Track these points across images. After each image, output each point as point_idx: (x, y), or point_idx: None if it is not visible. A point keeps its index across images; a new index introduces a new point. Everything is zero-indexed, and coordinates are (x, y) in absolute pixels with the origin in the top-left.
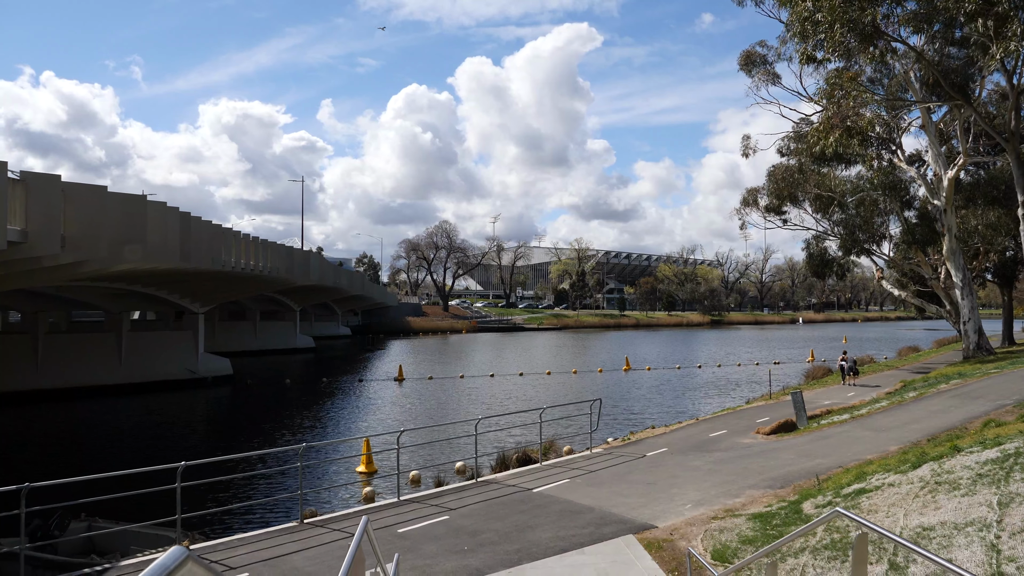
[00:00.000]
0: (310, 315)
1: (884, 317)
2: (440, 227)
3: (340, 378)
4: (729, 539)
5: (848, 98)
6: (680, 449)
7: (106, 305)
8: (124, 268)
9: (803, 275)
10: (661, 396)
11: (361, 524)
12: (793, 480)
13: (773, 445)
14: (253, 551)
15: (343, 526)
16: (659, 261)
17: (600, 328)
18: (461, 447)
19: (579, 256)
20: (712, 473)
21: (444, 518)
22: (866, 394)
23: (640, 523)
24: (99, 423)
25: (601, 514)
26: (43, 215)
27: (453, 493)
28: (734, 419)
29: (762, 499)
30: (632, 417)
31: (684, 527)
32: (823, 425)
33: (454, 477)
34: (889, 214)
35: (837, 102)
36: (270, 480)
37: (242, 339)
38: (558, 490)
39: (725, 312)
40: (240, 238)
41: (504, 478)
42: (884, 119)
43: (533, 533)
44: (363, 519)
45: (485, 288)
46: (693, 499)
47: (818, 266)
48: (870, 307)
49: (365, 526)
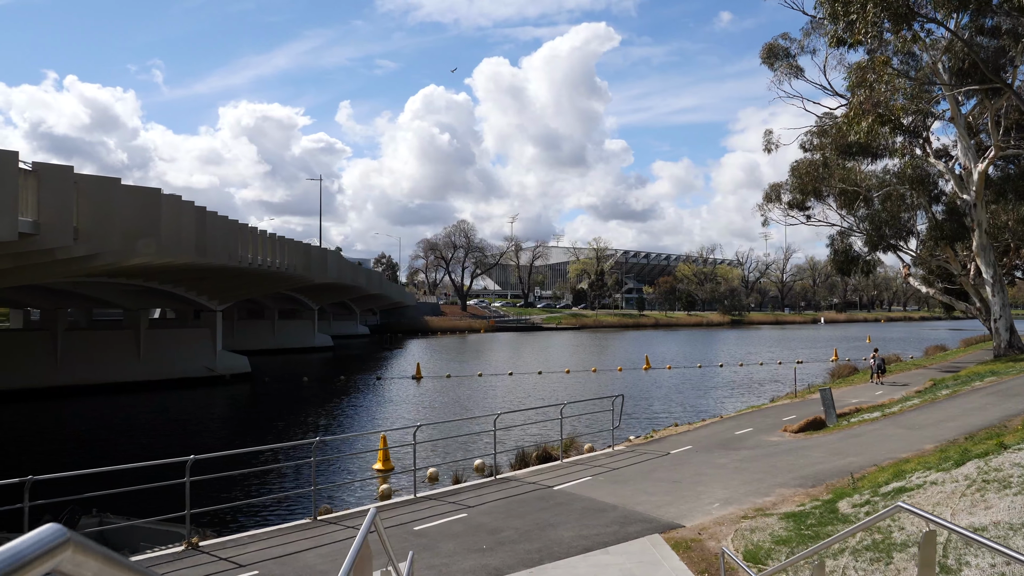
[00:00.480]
0: (328, 314)
1: (908, 317)
2: (458, 226)
3: (357, 376)
4: (762, 539)
5: (880, 82)
6: (705, 447)
7: (124, 303)
8: (139, 262)
9: (824, 275)
10: (682, 395)
11: (368, 517)
12: (825, 479)
13: (802, 443)
14: (264, 548)
15: (358, 523)
16: (678, 261)
17: (619, 328)
18: (479, 444)
19: (598, 255)
20: (739, 471)
21: (462, 516)
22: (895, 392)
23: (666, 522)
24: (114, 419)
25: (625, 512)
26: (55, 207)
27: (471, 490)
28: (759, 417)
29: (793, 498)
30: (654, 415)
31: (713, 527)
32: (853, 423)
33: (472, 475)
34: (916, 209)
35: (869, 86)
36: (284, 476)
37: (260, 338)
38: (580, 488)
39: (745, 312)
40: (257, 234)
41: (524, 475)
42: (914, 108)
43: (555, 531)
44: (370, 511)
45: (503, 288)
46: (721, 498)
47: (843, 263)
48: (893, 307)
49: (372, 519)
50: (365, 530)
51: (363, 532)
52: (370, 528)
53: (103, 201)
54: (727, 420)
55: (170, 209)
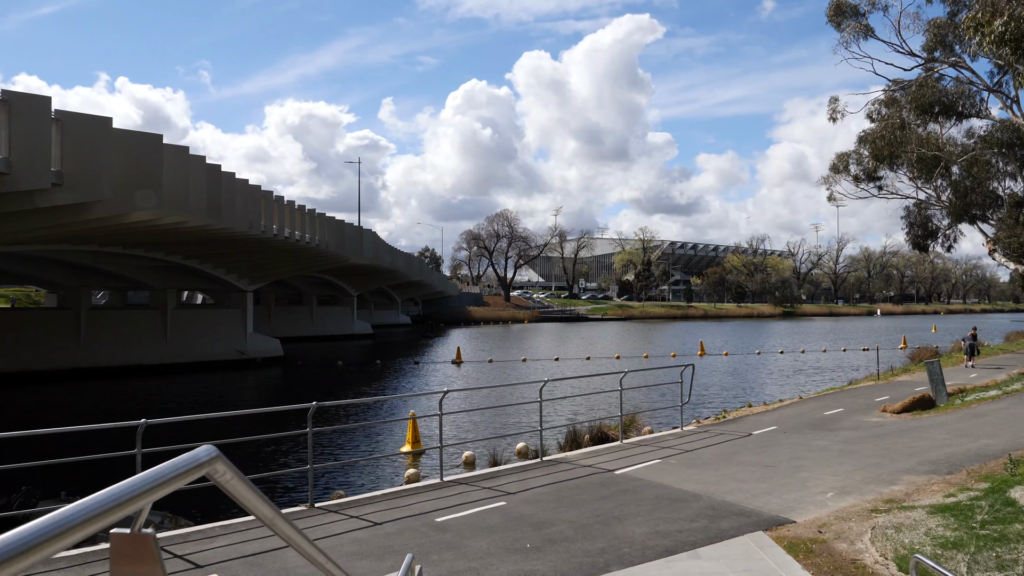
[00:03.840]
0: (369, 303)
1: (969, 310)
2: (501, 215)
3: (395, 360)
4: (917, 541)
5: None
6: (793, 427)
7: (150, 280)
8: (141, 219)
9: (880, 265)
10: (746, 378)
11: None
12: (962, 463)
13: (912, 424)
14: (236, 543)
15: (362, 512)
16: (727, 252)
17: (667, 318)
18: (522, 421)
19: (644, 245)
20: (846, 455)
21: (499, 504)
22: (995, 375)
23: (769, 516)
24: (134, 400)
25: (711, 503)
26: (29, 142)
27: (512, 474)
28: (847, 398)
29: (930, 487)
30: (720, 398)
31: (835, 522)
32: (969, 402)
33: (513, 459)
34: (1005, 177)
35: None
36: (285, 453)
37: (298, 324)
38: (648, 472)
39: (797, 304)
40: (284, 204)
41: (576, 457)
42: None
43: (621, 527)
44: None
45: (547, 280)
46: (833, 486)
47: (920, 236)
48: (951, 300)
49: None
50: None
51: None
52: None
53: (91, 143)
54: (809, 400)
55: (174, 160)
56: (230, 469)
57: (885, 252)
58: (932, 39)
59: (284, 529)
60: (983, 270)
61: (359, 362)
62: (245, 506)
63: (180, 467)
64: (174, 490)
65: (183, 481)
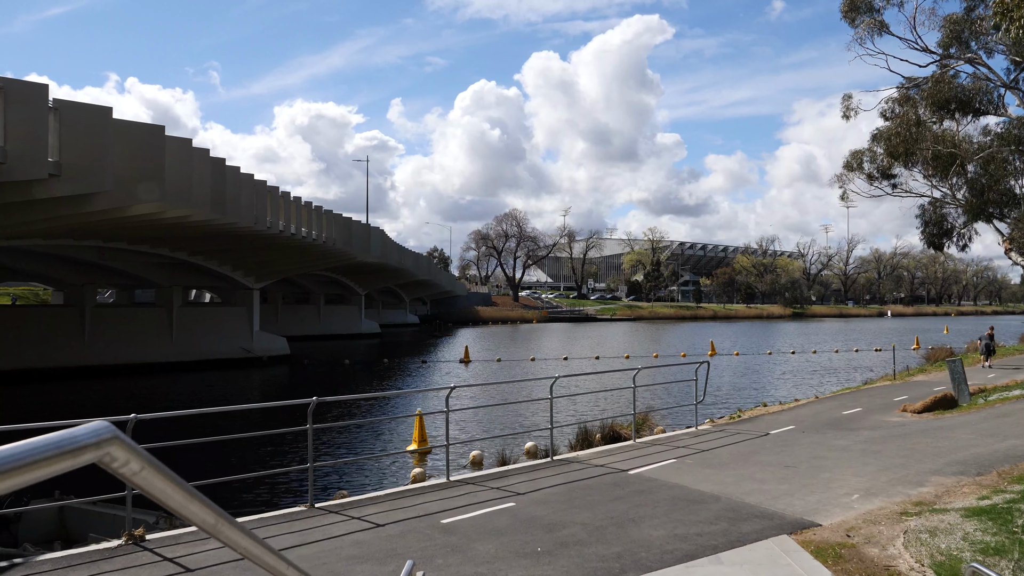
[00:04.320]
0: (377, 302)
1: (980, 311)
2: (510, 214)
3: (402, 359)
4: (955, 546)
5: None
6: (812, 427)
7: (156, 277)
8: (144, 212)
9: (890, 267)
10: (758, 378)
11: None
12: (991, 464)
13: (935, 423)
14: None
15: (364, 513)
16: (736, 252)
17: (676, 319)
18: (531, 421)
19: (653, 246)
20: (869, 455)
21: (508, 505)
22: (1015, 375)
23: (793, 518)
24: (138, 399)
25: (731, 505)
26: (26, 131)
27: (521, 473)
28: (864, 397)
29: (961, 489)
30: (734, 397)
31: (864, 526)
32: (992, 402)
33: (522, 458)
34: (1022, 175)
35: None
36: (286, 452)
37: (305, 323)
38: (664, 472)
39: (807, 304)
40: (290, 200)
41: (588, 456)
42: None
43: (638, 529)
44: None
45: (555, 280)
46: (858, 487)
47: (935, 235)
48: (962, 301)
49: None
50: None
51: None
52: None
53: (92, 134)
54: (826, 400)
55: (177, 153)
56: (136, 456)
57: (896, 253)
58: (948, 35)
59: (231, 535)
60: (994, 272)
61: (366, 361)
62: (167, 505)
63: (40, 449)
64: (35, 480)
65: (48, 468)
